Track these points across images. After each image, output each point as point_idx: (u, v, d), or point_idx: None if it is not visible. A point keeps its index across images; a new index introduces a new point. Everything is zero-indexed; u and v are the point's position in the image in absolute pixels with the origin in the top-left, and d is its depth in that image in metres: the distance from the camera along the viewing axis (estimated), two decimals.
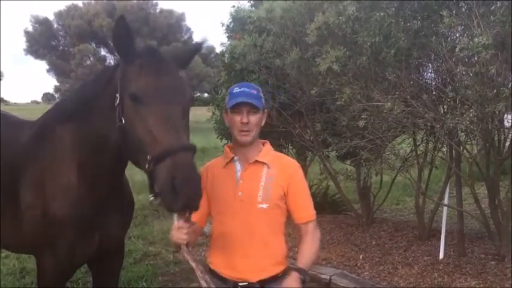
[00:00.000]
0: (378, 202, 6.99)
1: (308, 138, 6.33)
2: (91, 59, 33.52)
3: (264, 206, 2.30)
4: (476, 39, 3.33)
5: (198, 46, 2.93)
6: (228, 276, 2.34)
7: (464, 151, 4.89)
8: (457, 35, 4.24)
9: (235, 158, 2.39)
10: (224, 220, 2.36)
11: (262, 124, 2.41)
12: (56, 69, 34.34)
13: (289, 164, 2.46)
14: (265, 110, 2.43)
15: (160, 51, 2.33)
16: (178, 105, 2.15)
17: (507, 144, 4.89)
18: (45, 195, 2.62)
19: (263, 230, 2.31)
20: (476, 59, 3.46)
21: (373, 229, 6.62)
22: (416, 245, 5.82)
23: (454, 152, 5.08)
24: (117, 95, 2.23)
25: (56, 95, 39.01)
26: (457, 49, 3.45)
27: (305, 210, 2.39)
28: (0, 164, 2.80)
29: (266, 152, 2.42)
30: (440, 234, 5.44)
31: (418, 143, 5.72)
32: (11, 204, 2.71)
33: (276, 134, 6.30)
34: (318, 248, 2.41)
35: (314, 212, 2.42)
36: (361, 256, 5.63)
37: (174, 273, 5.48)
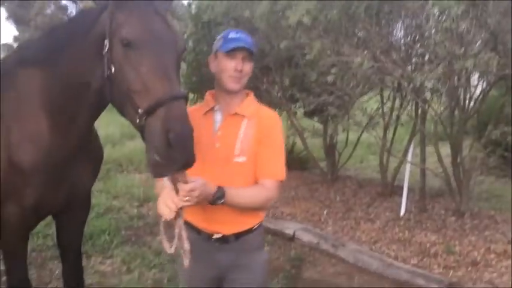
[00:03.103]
0: (342, 160, 7.06)
1: (276, 94, 6.26)
2: (51, 7, 32.08)
3: (241, 159, 2.19)
4: None
5: None
6: (203, 228, 2.27)
7: (430, 109, 4.93)
8: None
9: (216, 107, 2.27)
10: (200, 172, 2.23)
11: (250, 75, 2.25)
12: (14, 17, 32.82)
13: (269, 116, 2.31)
14: (252, 63, 2.27)
15: None
16: (172, 53, 2.00)
17: (471, 104, 4.96)
18: (9, 141, 2.47)
19: (239, 183, 2.17)
20: (446, 14, 3.41)
21: (337, 186, 6.71)
22: (379, 201, 5.94)
23: (419, 110, 5.11)
24: (106, 41, 2.05)
25: (15, 45, 37.43)
26: (429, 4, 3.39)
27: (269, 165, 2.23)
28: None
29: (248, 103, 2.29)
30: (402, 191, 5.55)
31: (384, 101, 5.74)
32: None
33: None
34: (257, 201, 2.20)
35: (281, 173, 2.24)
36: (325, 212, 5.71)
37: (138, 228, 5.43)
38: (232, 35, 2.19)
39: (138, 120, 1.91)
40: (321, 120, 6.72)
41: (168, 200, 1.93)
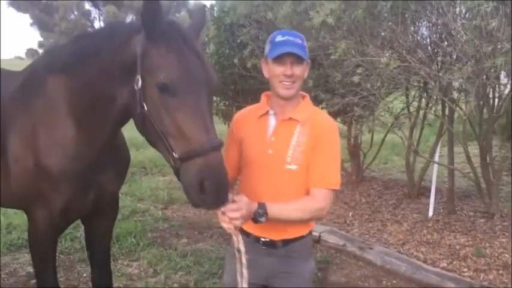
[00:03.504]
0: (367, 161, 6.98)
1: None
2: (75, 13, 32.63)
3: (293, 167, 2.12)
4: None
5: (204, 11, 2.56)
6: (251, 231, 2.22)
7: (457, 109, 4.83)
8: None
9: (271, 111, 2.21)
10: (251, 175, 2.21)
11: (305, 76, 2.17)
12: (39, 23, 33.46)
13: (323, 122, 2.20)
14: (308, 61, 2.18)
15: (183, 28, 2.09)
16: (208, 94, 1.99)
17: (500, 103, 4.85)
18: (38, 148, 2.49)
19: (289, 191, 2.11)
20: (476, 12, 3.33)
21: (362, 187, 6.65)
22: (406, 202, 5.86)
23: (446, 109, 5.02)
24: (138, 77, 2.01)
25: (40, 51, 38.16)
26: (458, 1, 3.32)
27: (321, 174, 2.11)
28: None
29: (303, 107, 2.20)
30: (429, 192, 5.46)
31: (410, 101, 5.66)
32: None
33: (266, 90, 6.19)
34: (301, 214, 2.08)
35: (335, 182, 2.12)
36: (350, 214, 5.65)
37: (163, 230, 5.45)
38: (279, 38, 2.10)
39: (172, 163, 1.93)
40: (345, 121, 6.66)
41: (223, 223, 1.91)
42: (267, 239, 2.22)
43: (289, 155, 2.12)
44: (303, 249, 2.27)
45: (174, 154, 1.90)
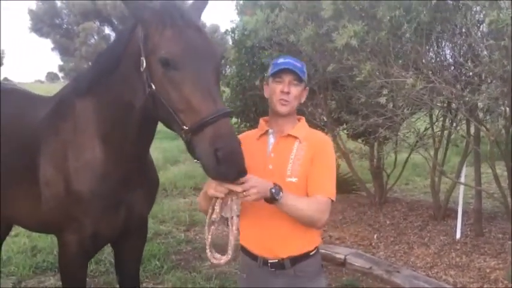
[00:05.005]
0: (389, 182, 6.91)
1: (319, 117, 6.22)
2: (95, 37, 33.31)
3: (293, 179, 2.20)
4: (505, 12, 3.20)
5: None
6: (258, 252, 2.28)
7: (483, 129, 4.77)
8: (478, 8, 4.09)
9: (270, 131, 2.33)
10: None
11: (302, 101, 2.36)
12: (60, 47, 34.18)
13: (321, 138, 2.38)
14: (307, 88, 2.37)
15: (180, 6, 2.16)
16: (212, 66, 2.03)
17: None
18: (68, 171, 2.52)
19: None
20: (504, 32, 3.31)
21: (386, 209, 6.56)
22: (432, 224, 5.76)
23: (472, 129, 4.96)
24: (142, 58, 2.08)
25: (60, 74, 38.99)
26: (485, 22, 3.31)
27: (320, 184, 2.20)
28: (12, 142, 2.72)
29: (300, 127, 2.35)
30: (455, 213, 5.39)
31: (434, 121, 5.61)
32: (29, 182, 2.61)
33: None
34: (309, 213, 2.12)
35: (331, 191, 2.20)
36: (375, 236, 5.57)
37: (186, 252, 5.45)
38: (281, 60, 2.29)
39: (184, 136, 1.95)
40: (366, 142, 6.63)
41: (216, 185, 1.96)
42: (274, 261, 2.25)
43: (289, 168, 2.22)
44: (311, 268, 2.31)
45: (185, 127, 1.93)
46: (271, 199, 2.01)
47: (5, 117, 2.85)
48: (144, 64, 2.07)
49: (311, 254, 2.29)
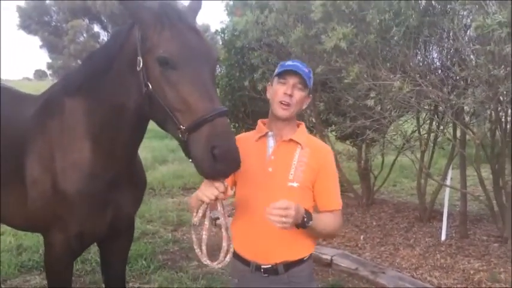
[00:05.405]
0: (377, 183, 6.96)
1: (307, 118, 6.25)
2: (84, 35, 33.04)
3: (294, 184, 2.19)
4: (491, 17, 3.24)
5: None
6: (251, 257, 2.25)
7: (469, 132, 4.83)
8: (465, 13, 4.14)
9: (270, 133, 2.30)
10: (250, 195, 2.24)
11: (303, 107, 2.33)
12: (48, 45, 33.86)
13: (322, 147, 2.35)
14: (310, 95, 2.34)
15: (177, 7, 2.18)
16: (209, 66, 2.05)
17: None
18: (54, 170, 2.50)
19: None
20: (490, 37, 3.36)
21: (373, 210, 6.60)
22: (418, 226, 5.81)
23: (459, 132, 5.02)
24: (139, 58, 2.08)
25: (48, 72, 38.61)
26: (472, 27, 3.35)
27: (331, 197, 2.26)
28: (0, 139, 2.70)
29: (301, 132, 2.32)
30: (441, 215, 5.44)
31: (421, 123, 5.67)
32: (16, 180, 2.59)
33: None
34: (331, 228, 2.24)
35: (341, 202, 2.28)
36: (361, 237, 5.61)
37: (173, 252, 5.44)
38: (289, 62, 2.25)
39: (180, 136, 1.95)
40: (354, 144, 6.67)
41: (209, 190, 1.94)
42: (268, 266, 2.23)
43: (292, 173, 2.21)
44: (304, 274, 2.30)
45: (182, 127, 1.94)
46: (301, 226, 2.02)
47: None
48: (141, 64, 2.08)
49: (305, 259, 2.28)
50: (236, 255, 2.30)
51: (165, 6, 2.14)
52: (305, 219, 1.99)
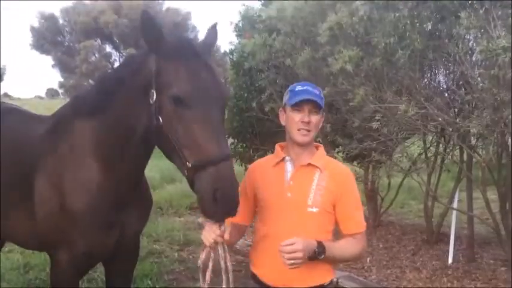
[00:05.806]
0: (384, 205, 6.94)
1: (315, 139, 6.28)
2: (96, 55, 33.43)
3: (314, 210, 2.18)
4: (495, 42, 3.27)
5: (215, 29, 2.48)
6: (272, 283, 2.23)
7: (476, 155, 4.83)
8: (471, 36, 4.18)
9: (287, 158, 2.29)
10: (270, 221, 2.24)
11: (320, 127, 2.31)
12: (61, 64, 34.26)
13: (343, 171, 2.34)
14: (323, 113, 2.33)
15: (195, 44, 2.23)
16: (220, 106, 2.09)
17: None
18: (63, 189, 2.54)
19: (311, 234, 2.12)
20: (494, 61, 3.39)
21: (379, 232, 6.58)
22: (424, 249, 5.78)
23: (465, 155, 5.02)
24: (153, 91, 2.12)
25: (60, 91, 39.03)
26: (476, 51, 3.39)
27: (355, 221, 2.25)
28: (9, 159, 2.76)
29: (320, 155, 2.31)
30: (448, 238, 5.41)
31: (427, 146, 5.67)
32: (24, 199, 2.64)
33: (283, 134, 6.26)
34: (352, 253, 2.25)
35: (364, 224, 2.28)
36: (368, 259, 5.57)
37: (179, 272, 5.43)
38: (298, 87, 2.24)
39: (186, 172, 2.00)
40: (361, 165, 6.68)
41: (208, 234, 1.99)
42: None
43: (311, 198, 2.19)
44: None
45: (188, 163, 1.98)
46: (313, 258, 2.03)
47: (4, 136, 2.89)
48: (155, 97, 2.11)
49: (325, 286, 2.25)
50: (255, 278, 2.30)
51: (183, 41, 2.20)
52: (316, 252, 2.00)
